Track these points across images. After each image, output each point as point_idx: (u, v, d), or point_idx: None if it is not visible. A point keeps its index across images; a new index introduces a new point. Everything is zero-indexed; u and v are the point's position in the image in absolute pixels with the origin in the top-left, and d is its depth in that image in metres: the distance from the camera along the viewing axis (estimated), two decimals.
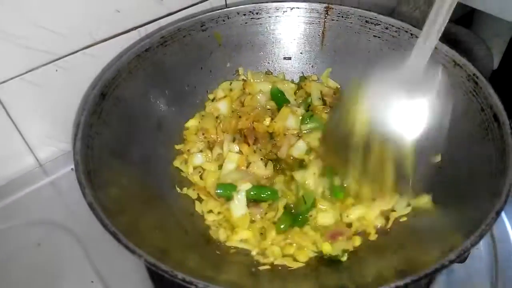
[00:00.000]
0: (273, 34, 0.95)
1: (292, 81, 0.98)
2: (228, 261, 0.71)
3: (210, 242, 0.75)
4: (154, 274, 0.78)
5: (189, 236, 0.74)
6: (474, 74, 0.74)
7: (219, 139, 0.87)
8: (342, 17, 0.90)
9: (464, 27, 1.31)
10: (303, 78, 0.98)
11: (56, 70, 0.87)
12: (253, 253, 0.73)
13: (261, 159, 0.82)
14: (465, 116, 0.75)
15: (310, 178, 0.79)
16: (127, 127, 0.78)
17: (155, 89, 0.86)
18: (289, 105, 0.90)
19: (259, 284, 0.66)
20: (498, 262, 0.79)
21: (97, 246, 0.82)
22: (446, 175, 0.75)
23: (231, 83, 0.96)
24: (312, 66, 0.97)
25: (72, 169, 0.91)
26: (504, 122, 0.68)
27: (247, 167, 0.82)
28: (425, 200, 0.76)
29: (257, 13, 0.91)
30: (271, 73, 0.99)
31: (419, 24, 1.06)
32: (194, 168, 0.85)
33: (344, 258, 0.72)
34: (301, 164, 0.84)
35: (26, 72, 0.83)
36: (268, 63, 0.98)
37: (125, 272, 0.79)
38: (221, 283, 0.55)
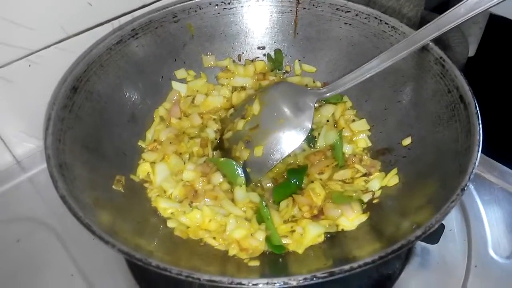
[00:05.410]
0: (246, 24, 0.95)
1: None
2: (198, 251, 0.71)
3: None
4: (134, 266, 0.79)
5: (164, 228, 0.74)
6: (441, 57, 0.76)
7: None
8: (314, 5, 0.90)
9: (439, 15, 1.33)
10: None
11: (29, 66, 0.87)
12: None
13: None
14: (433, 98, 0.76)
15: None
16: (100, 121, 0.78)
17: (128, 81, 0.85)
18: None
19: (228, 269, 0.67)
20: (472, 243, 0.81)
21: (76, 240, 0.82)
22: (414, 156, 0.77)
23: None
24: (285, 55, 0.98)
25: None
26: (470, 102, 0.69)
27: None
28: (394, 179, 0.78)
29: (229, 3, 0.92)
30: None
31: (395, 12, 1.08)
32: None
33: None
34: None
35: None
36: (243, 53, 0.98)
37: (104, 265, 0.80)
38: (194, 269, 0.55)
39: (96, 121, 0.77)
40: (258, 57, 0.99)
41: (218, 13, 0.92)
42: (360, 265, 0.53)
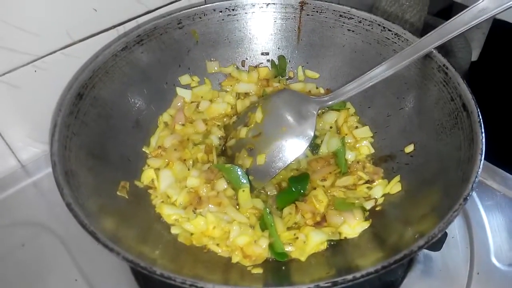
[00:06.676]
0: (250, 30, 0.96)
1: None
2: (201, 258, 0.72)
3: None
4: (137, 273, 0.79)
5: (168, 235, 0.75)
6: (444, 65, 0.76)
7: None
8: (317, 12, 0.91)
9: (443, 20, 1.33)
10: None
11: (35, 71, 0.87)
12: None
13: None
14: (435, 106, 0.77)
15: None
16: (105, 127, 0.79)
17: (133, 87, 0.86)
18: None
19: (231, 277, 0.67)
20: (474, 250, 0.81)
21: (80, 245, 0.83)
22: (417, 163, 0.77)
23: None
24: (289, 61, 0.98)
25: None
26: (473, 111, 0.69)
27: None
28: (396, 187, 0.78)
29: (233, 10, 0.92)
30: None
31: (398, 18, 1.09)
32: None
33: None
34: None
35: (5, 74, 0.84)
36: (246, 59, 0.99)
37: (108, 270, 0.80)
38: (198, 277, 0.56)
39: (101, 127, 0.78)
40: (262, 63, 0.99)
41: (223, 20, 0.93)
42: (363, 275, 0.53)
